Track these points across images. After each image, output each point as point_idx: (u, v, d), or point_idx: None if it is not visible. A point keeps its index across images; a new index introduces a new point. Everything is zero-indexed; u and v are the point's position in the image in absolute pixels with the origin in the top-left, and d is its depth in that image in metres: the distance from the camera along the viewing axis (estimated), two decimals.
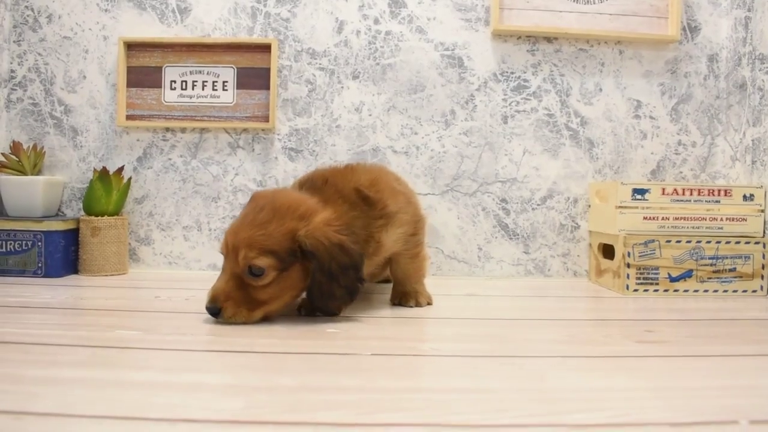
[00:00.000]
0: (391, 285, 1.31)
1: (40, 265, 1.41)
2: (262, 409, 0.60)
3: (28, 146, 1.51)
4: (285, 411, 0.59)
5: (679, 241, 1.36)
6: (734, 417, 0.61)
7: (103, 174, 1.46)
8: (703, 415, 0.61)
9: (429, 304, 1.18)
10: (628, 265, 1.35)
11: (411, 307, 1.15)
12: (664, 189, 1.39)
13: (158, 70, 1.56)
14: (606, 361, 0.81)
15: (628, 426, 0.58)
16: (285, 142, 1.57)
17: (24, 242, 1.41)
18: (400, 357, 0.80)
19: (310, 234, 0.96)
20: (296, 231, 0.97)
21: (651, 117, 1.60)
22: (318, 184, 1.08)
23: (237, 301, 0.97)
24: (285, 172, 1.56)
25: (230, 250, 0.97)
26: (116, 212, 1.50)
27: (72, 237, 1.47)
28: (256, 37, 1.56)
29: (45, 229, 1.41)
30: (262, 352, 0.81)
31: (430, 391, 0.67)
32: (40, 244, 1.41)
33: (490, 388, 0.69)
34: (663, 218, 1.38)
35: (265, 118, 1.55)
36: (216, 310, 0.96)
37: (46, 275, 1.41)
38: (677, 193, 1.39)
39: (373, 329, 0.97)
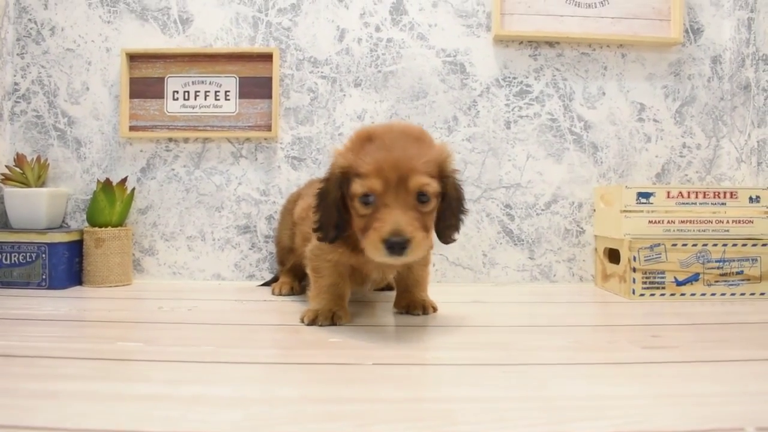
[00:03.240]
0: (386, 292, 1.35)
1: (44, 276, 1.41)
2: (260, 421, 0.59)
3: (32, 158, 1.52)
4: (284, 423, 0.59)
5: (685, 245, 1.35)
6: (741, 424, 0.59)
7: (106, 185, 1.46)
8: (710, 422, 0.60)
9: (435, 310, 1.17)
10: (634, 270, 1.34)
11: (418, 315, 1.15)
12: (669, 192, 1.38)
13: (161, 81, 1.57)
14: (611, 368, 0.80)
15: None
16: (288, 150, 1.57)
17: (28, 254, 1.41)
18: (403, 366, 0.80)
19: (450, 160, 1.00)
20: (440, 157, 0.98)
21: (655, 120, 1.59)
22: None
23: (417, 227, 0.91)
24: (288, 181, 1.56)
25: (394, 181, 0.91)
26: (120, 223, 1.50)
27: (76, 248, 1.47)
28: (258, 47, 1.56)
29: (49, 241, 1.41)
30: (263, 363, 0.81)
31: (432, 401, 0.66)
32: (44, 255, 1.41)
33: (493, 397, 0.68)
34: (668, 221, 1.37)
35: (268, 127, 1.55)
36: (404, 242, 0.88)
37: (51, 287, 1.41)
38: (682, 196, 1.38)
39: (375, 338, 0.96)
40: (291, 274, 1.39)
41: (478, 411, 0.63)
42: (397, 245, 0.88)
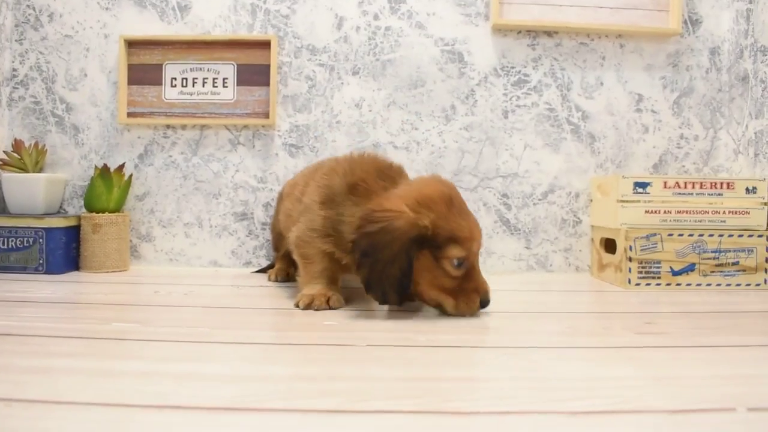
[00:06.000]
0: None
1: (41, 261, 1.41)
2: (253, 396, 0.59)
3: (30, 144, 1.52)
4: (276, 399, 0.59)
5: (681, 235, 1.35)
6: (732, 405, 0.60)
7: (104, 171, 1.46)
8: (701, 402, 0.61)
9: None
10: (630, 259, 1.34)
11: (414, 301, 1.15)
12: (665, 182, 1.38)
13: (159, 68, 1.57)
14: (605, 352, 0.81)
15: (624, 413, 0.58)
16: (285, 138, 1.57)
17: (25, 239, 1.41)
18: (396, 348, 0.80)
19: None
20: None
21: (653, 111, 1.59)
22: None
23: None
24: (285, 169, 1.56)
25: (477, 247, 1.03)
26: (117, 209, 1.50)
27: (73, 234, 1.47)
28: (256, 34, 1.56)
29: (46, 226, 1.41)
30: (258, 344, 0.81)
31: (424, 380, 0.66)
32: (41, 240, 1.41)
33: (485, 377, 0.68)
34: (665, 212, 1.37)
35: (266, 115, 1.55)
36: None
37: (48, 272, 1.41)
38: (679, 187, 1.38)
39: (370, 322, 0.96)
40: (287, 261, 1.39)
41: (471, 390, 0.63)
42: (487, 304, 1.03)
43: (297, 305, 1.06)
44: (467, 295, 1.00)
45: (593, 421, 0.56)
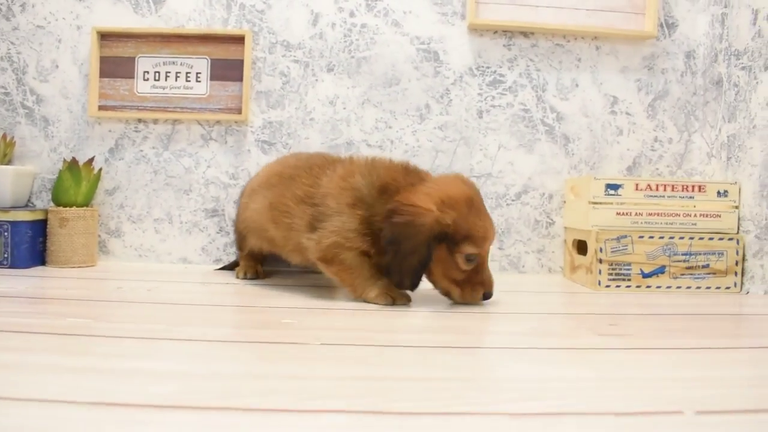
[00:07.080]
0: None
1: (6, 255, 1.39)
2: (194, 393, 0.58)
3: None
4: (217, 396, 0.58)
5: (652, 237, 1.35)
6: (680, 407, 0.59)
7: (72, 164, 1.44)
8: (649, 405, 0.60)
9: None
10: (600, 261, 1.34)
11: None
12: (637, 184, 1.38)
13: (131, 61, 1.55)
14: (563, 353, 0.80)
15: (570, 415, 0.57)
16: (258, 134, 1.55)
17: None
18: (351, 347, 0.79)
19: None
20: None
21: (627, 113, 1.58)
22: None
23: None
24: (258, 165, 1.54)
25: (490, 245, 1.11)
26: (86, 203, 1.48)
27: (40, 228, 1.45)
28: (231, 29, 1.55)
29: (12, 219, 1.39)
30: (211, 341, 0.80)
31: (373, 380, 0.65)
32: (6, 234, 1.39)
33: (437, 377, 0.67)
34: (636, 214, 1.37)
35: (238, 111, 1.53)
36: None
37: (12, 266, 1.39)
38: (651, 189, 1.38)
39: (330, 321, 0.95)
40: (252, 259, 1.37)
41: (419, 390, 0.62)
42: (490, 297, 1.11)
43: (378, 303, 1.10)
44: (473, 286, 1.08)
45: (536, 423, 0.55)
